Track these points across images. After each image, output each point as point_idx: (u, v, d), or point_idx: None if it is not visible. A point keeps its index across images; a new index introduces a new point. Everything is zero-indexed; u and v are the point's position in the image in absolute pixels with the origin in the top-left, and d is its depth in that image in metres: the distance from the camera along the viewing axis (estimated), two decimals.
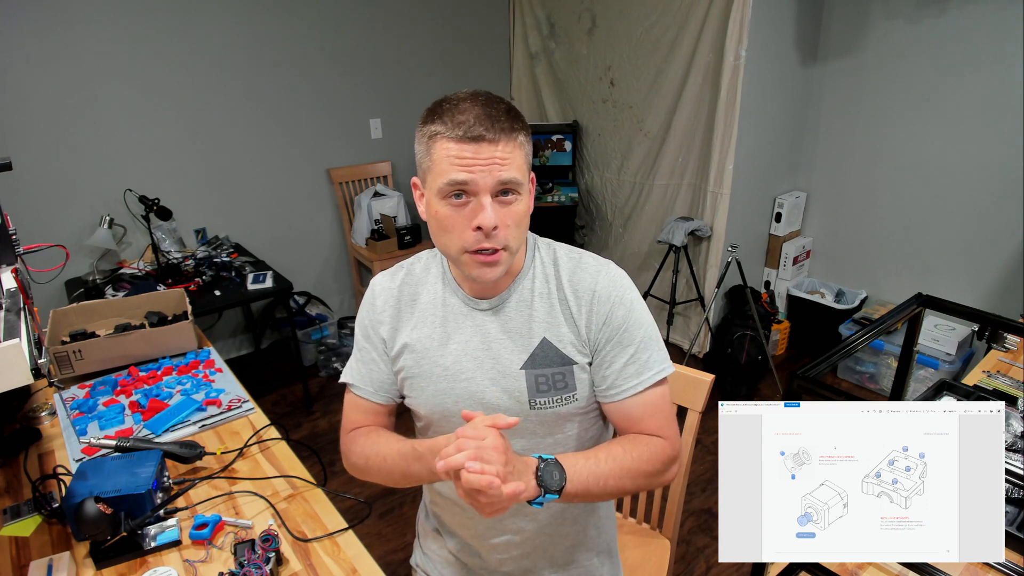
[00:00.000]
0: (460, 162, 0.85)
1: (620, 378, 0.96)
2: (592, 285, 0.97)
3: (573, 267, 0.99)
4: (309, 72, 3.20)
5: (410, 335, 1.01)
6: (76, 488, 1.03)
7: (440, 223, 0.90)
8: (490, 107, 0.87)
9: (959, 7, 2.64)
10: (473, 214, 0.87)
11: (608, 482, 0.90)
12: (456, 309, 1.00)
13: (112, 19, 2.62)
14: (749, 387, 3.04)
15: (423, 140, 0.91)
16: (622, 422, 1.00)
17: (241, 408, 1.44)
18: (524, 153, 0.89)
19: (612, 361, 0.96)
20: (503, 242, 0.88)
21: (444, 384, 0.99)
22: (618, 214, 3.62)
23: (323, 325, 3.41)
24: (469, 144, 0.85)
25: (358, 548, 1.07)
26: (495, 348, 0.98)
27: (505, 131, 0.86)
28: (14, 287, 1.02)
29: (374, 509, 2.31)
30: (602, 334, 0.96)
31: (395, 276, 1.06)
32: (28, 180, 2.56)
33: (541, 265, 1.00)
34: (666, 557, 1.39)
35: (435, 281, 1.03)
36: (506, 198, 0.88)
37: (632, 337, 0.96)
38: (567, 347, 0.97)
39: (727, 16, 2.77)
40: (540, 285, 0.99)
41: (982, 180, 2.74)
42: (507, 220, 0.88)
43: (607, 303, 0.96)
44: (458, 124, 0.85)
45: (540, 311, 0.98)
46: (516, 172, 0.87)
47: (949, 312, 1.17)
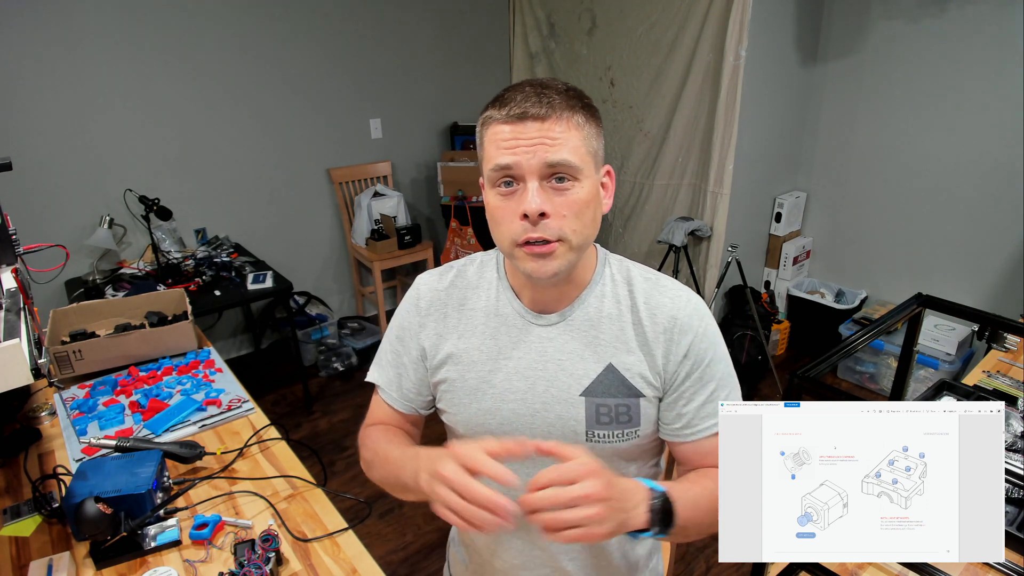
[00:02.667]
0: (505, 144, 0.77)
1: (697, 417, 0.87)
2: (673, 312, 0.87)
3: (650, 288, 0.89)
4: (309, 72, 3.20)
5: (456, 344, 0.92)
6: (76, 488, 1.03)
7: (491, 214, 0.82)
8: (544, 86, 0.79)
9: (959, 7, 2.64)
10: (521, 201, 0.78)
11: (705, 519, 0.81)
12: (511, 321, 0.90)
13: (112, 19, 2.62)
14: (749, 387, 3.04)
15: (479, 129, 0.83)
16: (694, 459, 0.90)
17: (241, 408, 1.44)
18: (583, 135, 0.79)
19: (691, 398, 0.87)
20: (556, 233, 0.78)
21: (489, 403, 0.90)
22: (618, 214, 3.62)
23: (323, 325, 3.42)
24: (515, 124, 0.77)
25: (358, 548, 1.07)
26: (551, 369, 0.88)
27: (555, 107, 0.77)
28: (14, 287, 1.02)
29: (374, 509, 2.31)
30: (682, 367, 0.86)
31: (444, 277, 0.97)
32: (28, 180, 2.56)
33: (612, 282, 0.90)
34: (666, 557, 1.39)
35: (489, 287, 0.93)
36: (560, 184, 0.78)
37: (714, 373, 0.87)
38: (635, 377, 0.87)
39: (727, 16, 2.77)
40: (610, 304, 0.89)
41: (982, 180, 2.74)
42: (561, 209, 0.78)
43: (690, 333, 0.86)
44: (506, 104, 0.78)
45: (608, 333, 0.88)
46: (569, 154, 0.77)
47: (949, 312, 1.17)
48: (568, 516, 0.67)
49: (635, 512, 0.73)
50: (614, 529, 0.70)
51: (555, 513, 0.67)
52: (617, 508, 0.70)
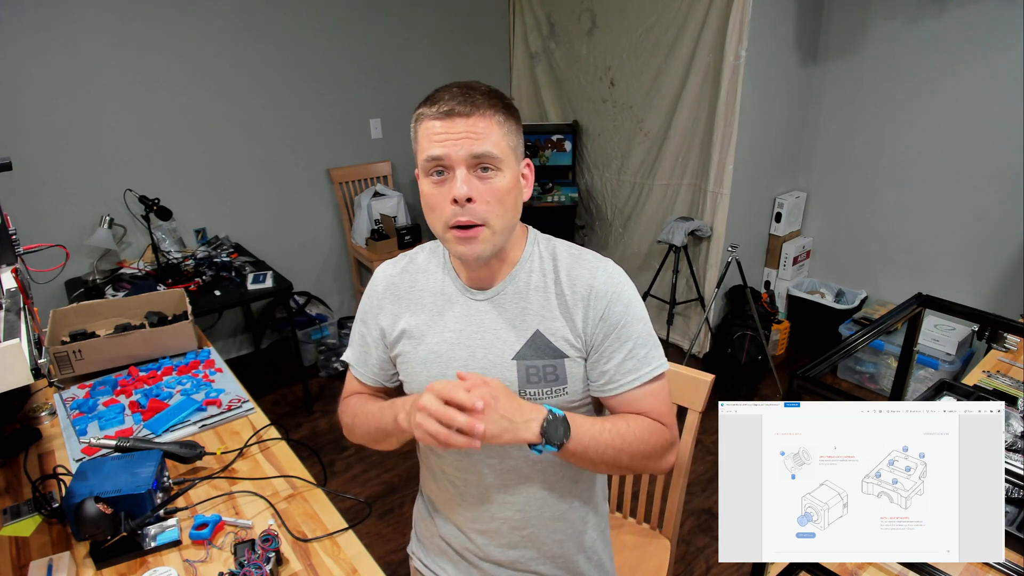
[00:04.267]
0: (436, 137, 0.89)
1: (618, 373, 0.98)
2: (590, 280, 0.98)
3: (572, 262, 1.01)
4: (309, 72, 3.20)
5: (408, 321, 1.04)
6: (76, 488, 1.03)
7: (426, 201, 0.94)
8: (469, 88, 0.91)
9: (959, 7, 2.64)
10: (451, 188, 0.90)
11: (607, 452, 0.93)
12: (453, 297, 1.03)
13: (112, 19, 2.62)
14: (749, 387, 3.04)
15: (413, 125, 0.95)
16: (621, 410, 1.01)
17: (241, 408, 1.44)
18: (503, 132, 0.91)
19: (610, 356, 0.97)
20: (481, 217, 0.90)
21: (437, 369, 1.01)
22: (618, 214, 3.62)
23: (323, 325, 3.42)
24: (444, 120, 0.88)
25: (358, 548, 1.07)
26: (488, 337, 0.99)
27: (479, 106, 0.89)
28: (14, 287, 1.02)
29: (374, 509, 2.31)
30: (599, 329, 0.97)
31: (397, 264, 1.10)
32: (28, 180, 2.56)
33: (539, 259, 1.02)
34: (666, 557, 1.39)
35: (436, 269, 1.06)
36: (484, 174, 0.90)
37: (630, 333, 0.97)
38: (559, 340, 0.98)
39: (727, 16, 2.77)
40: (537, 278, 1.00)
41: (982, 180, 2.74)
42: (486, 195, 0.90)
43: (604, 298, 0.97)
44: (436, 102, 0.90)
45: (535, 303, 0.99)
46: (491, 146, 0.89)
47: (949, 312, 1.17)
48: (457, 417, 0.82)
49: (527, 425, 0.87)
50: (500, 432, 0.85)
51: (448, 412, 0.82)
52: (504, 416, 0.85)
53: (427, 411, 0.84)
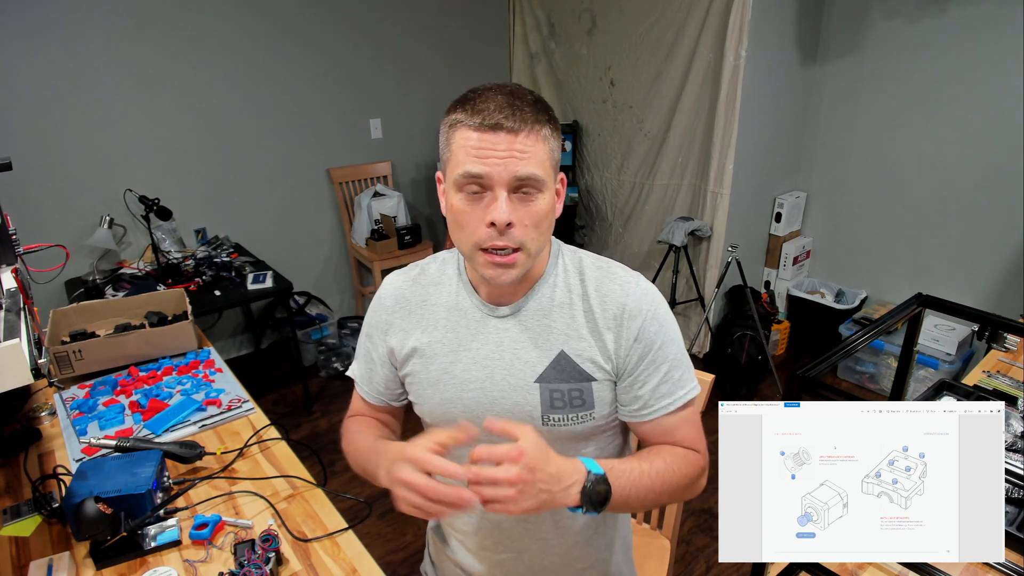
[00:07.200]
0: (477, 153, 0.80)
1: (653, 398, 0.91)
2: (622, 298, 0.91)
3: (600, 277, 0.93)
4: (309, 72, 3.20)
5: (420, 338, 0.97)
6: (76, 488, 1.03)
7: (455, 217, 0.85)
8: (515, 97, 0.82)
9: (959, 7, 2.64)
10: (488, 208, 0.82)
11: (648, 496, 0.87)
12: (470, 314, 0.95)
13: (112, 19, 2.62)
14: (749, 387, 3.04)
15: (445, 129, 0.85)
16: (653, 437, 0.95)
17: (241, 408, 1.44)
18: (548, 148, 0.83)
19: (646, 381, 0.91)
20: (519, 241, 0.83)
21: (451, 393, 0.94)
22: (618, 214, 3.62)
23: (323, 325, 3.42)
24: (487, 133, 0.79)
25: (358, 548, 1.07)
26: (507, 358, 0.92)
27: (527, 121, 0.80)
28: (14, 287, 1.02)
29: (374, 509, 2.31)
30: (633, 351, 0.90)
31: (408, 275, 1.02)
32: (28, 180, 2.56)
33: (564, 273, 0.94)
34: (666, 557, 1.39)
35: (450, 283, 0.98)
36: (526, 195, 0.82)
37: (666, 354, 0.91)
38: (586, 363, 0.91)
39: (727, 16, 2.77)
40: (561, 294, 0.93)
41: (982, 180, 2.74)
42: (525, 219, 0.82)
43: (638, 317, 0.90)
44: (478, 112, 0.80)
45: (559, 322, 0.92)
46: (536, 168, 0.81)
47: (949, 312, 1.17)
48: (487, 492, 0.74)
49: (566, 492, 0.78)
50: (538, 506, 0.76)
51: (479, 488, 0.74)
52: (542, 489, 0.76)
53: (408, 485, 0.75)
